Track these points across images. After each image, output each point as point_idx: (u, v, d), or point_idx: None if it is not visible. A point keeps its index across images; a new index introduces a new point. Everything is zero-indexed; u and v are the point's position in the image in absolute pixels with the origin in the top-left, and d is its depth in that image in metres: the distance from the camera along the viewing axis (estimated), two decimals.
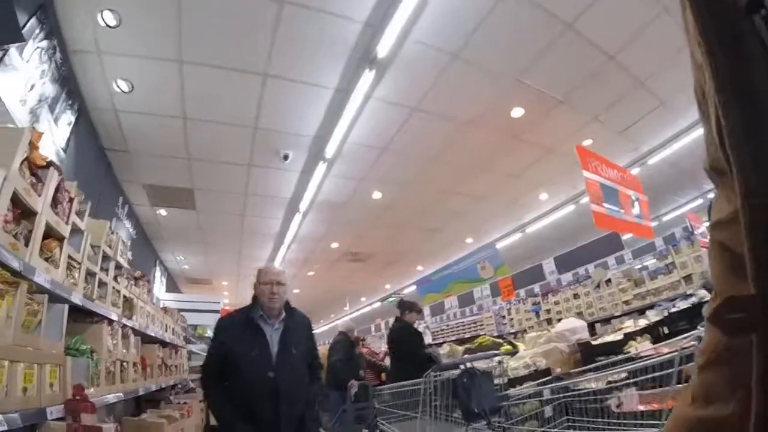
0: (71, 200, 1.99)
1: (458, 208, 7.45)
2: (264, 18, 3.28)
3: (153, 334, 4.15)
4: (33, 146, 1.70)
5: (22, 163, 1.61)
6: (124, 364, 2.97)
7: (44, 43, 2.97)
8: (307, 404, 2.31)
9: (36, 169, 1.75)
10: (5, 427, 1.30)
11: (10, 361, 1.36)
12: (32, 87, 2.92)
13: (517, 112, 4.81)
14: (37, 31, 2.84)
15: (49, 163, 1.81)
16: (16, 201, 1.52)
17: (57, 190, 1.82)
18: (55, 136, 3.51)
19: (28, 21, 2.69)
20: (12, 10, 2.36)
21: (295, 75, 3.89)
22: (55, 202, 1.81)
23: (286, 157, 5.15)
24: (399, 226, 8.07)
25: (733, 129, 0.38)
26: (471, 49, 3.77)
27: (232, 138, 4.73)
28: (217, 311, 9.61)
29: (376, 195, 6.64)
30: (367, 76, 3.92)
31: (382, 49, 3.60)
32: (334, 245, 9.05)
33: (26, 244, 1.57)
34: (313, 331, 2.73)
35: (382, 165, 5.67)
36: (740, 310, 0.38)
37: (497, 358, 3.11)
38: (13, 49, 2.54)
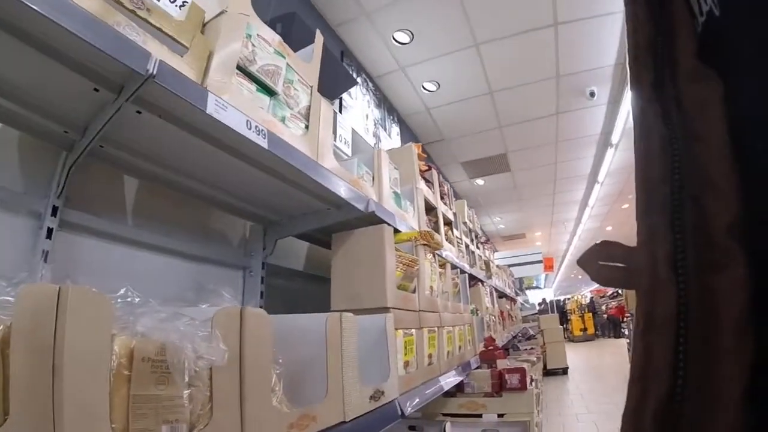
0: (447, 191, 2.46)
1: None
2: None
3: (500, 289, 4.72)
4: (420, 157, 2.19)
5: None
6: (493, 317, 3.49)
7: (359, 79, 3.69)
8: None
9: (422, 174, 2.25)
10: (458, 379, 1.74)
11: (452, 326, 1.81)
12: (367, 116, 3.77)
13: None
14: (349, 71, 3.52)
15: (429, 166, 2.28)
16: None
17: (440, 185, 2.29)
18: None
19: None
20: (340, 64, 2.91)
21: (584, 12, 3.56)
22: (441, 195, 2.28)
23: (592, 94, 4.83)
24: None
25: None
26: None
27: (538, 93, 4.71)
28: (539, 261, 9.97)
29: None
30: None
31: None
32: None
33: (437, 231, 2.05)
34: None
35: None
36: None
37: None
38: (344, 95, 3.29)
